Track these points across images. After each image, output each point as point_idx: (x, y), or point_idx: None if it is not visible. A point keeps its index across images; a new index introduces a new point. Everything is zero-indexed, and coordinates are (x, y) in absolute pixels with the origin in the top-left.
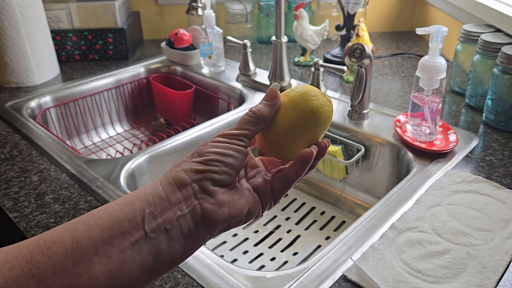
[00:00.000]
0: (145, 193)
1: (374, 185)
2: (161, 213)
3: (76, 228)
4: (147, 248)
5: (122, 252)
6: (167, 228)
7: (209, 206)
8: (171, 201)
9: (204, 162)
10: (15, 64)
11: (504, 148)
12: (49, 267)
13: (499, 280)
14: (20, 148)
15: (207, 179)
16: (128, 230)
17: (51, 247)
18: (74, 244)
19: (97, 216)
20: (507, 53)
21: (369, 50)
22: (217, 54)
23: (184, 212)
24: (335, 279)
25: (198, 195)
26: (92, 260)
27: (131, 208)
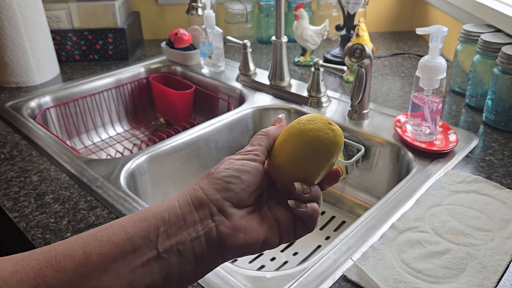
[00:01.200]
0: (161, 210)
1: (374, 185)
2: (176, 233)
3: (88, 243)
4: (158, 269)
5: (132, 272)
6: (180, 249)
7: (225, 230)
8: (186, 221)
9: (221, 179)
10: (15, 64)
11: (504, 148)
12: (57, 281)
13: (499, 280)
14: (20, 148)
15: (226, 199)
16: (141, 248)
17: (61, 262)
18: (84, 260)
19: (111, 231)
20: (507, 53)
21: (369, 50)
22: (217, 54)
23: (199, 234)
24: (335, 279)
25: (215, 217)
26: (101, 278)
27: (145, 225)
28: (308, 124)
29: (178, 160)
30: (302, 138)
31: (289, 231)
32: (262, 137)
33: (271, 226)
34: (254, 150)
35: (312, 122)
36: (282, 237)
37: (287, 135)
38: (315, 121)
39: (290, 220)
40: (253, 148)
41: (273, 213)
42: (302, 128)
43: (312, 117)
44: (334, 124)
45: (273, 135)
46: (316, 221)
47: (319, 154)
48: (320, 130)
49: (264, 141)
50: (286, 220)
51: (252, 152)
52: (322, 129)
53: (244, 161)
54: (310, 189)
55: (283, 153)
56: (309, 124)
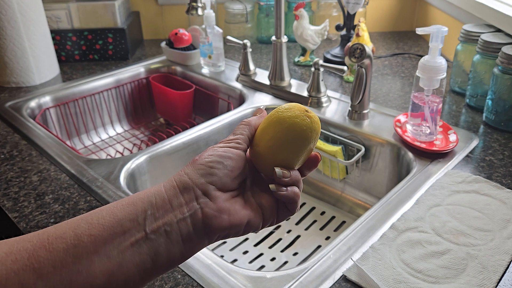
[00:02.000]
0: (148, 194)
1: (374, 185)
2: (162, 215)
3: (79, 225)
4: (147, 249)
5: (121, 252)
6: (167, 230)
7: (210, 211)
8: (173, 204)
9: (205, 164)
10: (15, 64)
11: (504, 148)
12: (50, 262)
13: (499, 280)
14: (20, 148)
15: (210, 183)
16: (129, 230)
17: (53, 243)
18: (75, 241)
19: (100, 215)
20: (507, 53)
21: (369, 50)
22: (217, 54)
23: (185, 216)
24: (335, 279)
25: (200, 199)
26: (92, 259)
27: (133, 208)
28: (286, 112)
29: (178, 160)
30: (280, 126)
31: (271, 214)
32: (244, 126)
33: (254, 210)
34: (236, 139)
35: (289, 110)
36: (265, 220)
37: (266, 123)
38: (292, 109)
39: (272, 204)
40: (236, 137)
41: (256, 199)
42: (281, 116)
43: (290, 106)
44: (310, 111)
45: (255, 124)
46: (296, 204)
47: (297, 140)
48: (297, 117)
49: (245, 130)
50: (268, 205)
51: (234, 140)
52: (299, 116)
53: (226, 148)
54: (290, 173)
55: (264, 141)
56: (287, 112)
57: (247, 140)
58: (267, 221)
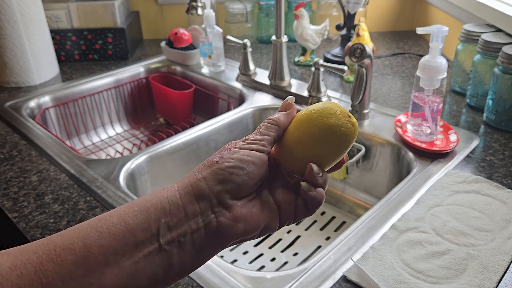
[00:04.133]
0: (162, 199)
1: (375, 185)
2: (177, 225)
3: (88, 235)
4: (159, 261)
5: (134, 264)
6: (181, 241)
7: (225, 221)
8: (187, 213)
9: (225, 169)
10: (15, 64)
11: (504, 148)
12: (58, 275)
13: (500, 280)
14: (20, 148)
15: (227, 191)
16: (142, 241)
17: (61, 255)
18: (85, 253)
19: (110, 222)
20: (507, 53)
21: (370, 50)
22: (217, 53)
23: (199, 226)
24: (335, 279)
25: (215, 209)
26: (103, 271)
27: (146, 216)
28: (330, 118)
29: (178, 160)
30: (324, 132)
31: (289, 214)
32: (271, 126)
33: (272, 211)
34: (262, 140)
35: (334, 116)
36: (282, 221)
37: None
38: (336, 114)
39: (291, 203)
40: (261, 138)
41: (274, 197)
42: (326, 122)
43: (332, 110)
44: (352, 116)
45: (283, 125)
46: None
47: (339, 148)
48: (342, 125)
49: (273, 131)
50: (287, 204)
51: (260, 142)
52: (344, 124)
53: (250, 151)
54: (324, 173)
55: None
56: (332, 118)
57: (273, 143)
58: (284, 222)
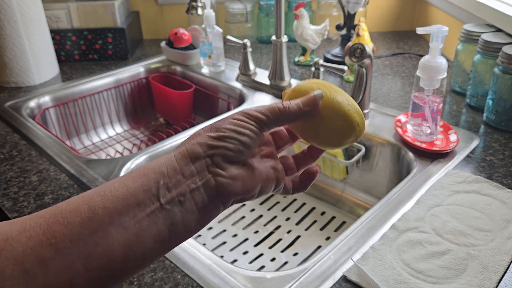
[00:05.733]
0: (159, 164)
1: (375, 185)
2: (175, 186)
3: (92, 199)
4: (163, 219)
5: (138, 223)
6: (181, 200)
7: (223, 179)
8: (184, 174)
9: (219, 138)
10: (15, 64)
11: (504, 148)
12: (66, 236)
13: (500, 281)
14: (20, 148)
15: (220, 155)
16: (143, 201)
17: (67, 217)
18: (90, 214)
19: (112, 187)
20: (507, 53)
21: (370, 50)
22: (217, 53)
23: (197, 185)
24: (335, 279)
25: (210, 169)
26: (108, 230)
27: (145, 179)
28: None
29: None
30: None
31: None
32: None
33: (266, 174)
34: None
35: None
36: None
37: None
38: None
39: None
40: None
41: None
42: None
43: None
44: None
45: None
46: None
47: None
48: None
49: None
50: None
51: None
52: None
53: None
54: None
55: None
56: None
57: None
58: (279, 184)
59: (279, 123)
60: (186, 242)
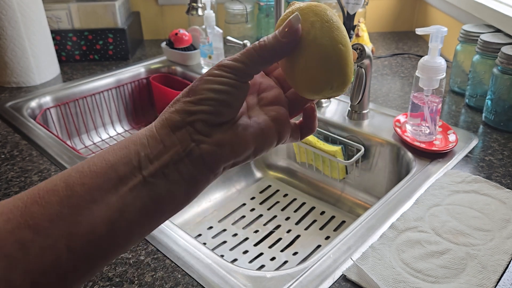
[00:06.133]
0: (140, 136)
1: (374, 185)
2: (157, 157)
3: (70, 175)
4: (147, 192)
5: (121, 198)
6: (165, 172)
7: (207, 147)
8: (165, 144)
9: (196, 102)
10: (15, 64)
11: (503, 148)
12: (45, 217)
13: (499, 280)
14: (21, 148)
15: (202, 120)
16: (125, 175)
17: (44, 197)
18: (68, 192)
19: (91, 162)
20: (506, 53)
21: (369, 50)
22: (217, 54)
23: (181, 156)
24: (335, 279)
25: (194, 137)
26: (90, 208)
27: (126, 152)
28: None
29: None
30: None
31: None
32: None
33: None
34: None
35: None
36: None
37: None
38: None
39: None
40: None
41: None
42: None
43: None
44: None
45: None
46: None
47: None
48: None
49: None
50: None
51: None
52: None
53: (223, 79)
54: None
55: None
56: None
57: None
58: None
59: (261, 64)
60: (186, 242)
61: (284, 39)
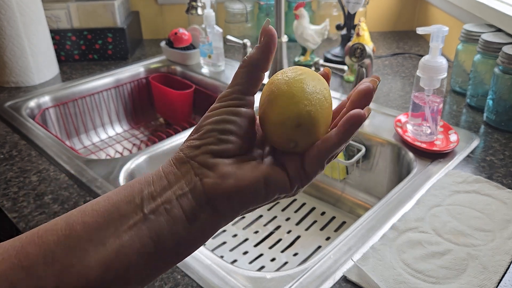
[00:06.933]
0: (146, 176)
1: (375, 185)
2: (160, 193)
3: (71, 215)
4: (147, 231)
5: (118, 238)
6: (167, 208)
7: (210, 180)
8: (170, 180)
9: (199, 137)
10: (14, 64)
11: (505, 148)
12: (39, 257)
13: (500, 281)
14: (19, 148)
15: (205, 153)
16: (126, 213)
17: (43, 236)
18: (67, 231)
19: (94, 202)
20: (508, 53)
21: (370, 50)
22: (217, 53)
23: (184, 191)
24: (335, 279)
25: (197, 171)
26: (85, 248)
27: (130, 190)
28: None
29: None
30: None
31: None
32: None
33: (271, 165)
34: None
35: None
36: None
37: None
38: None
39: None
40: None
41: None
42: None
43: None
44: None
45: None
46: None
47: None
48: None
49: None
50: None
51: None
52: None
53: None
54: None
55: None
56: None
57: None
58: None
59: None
60: None
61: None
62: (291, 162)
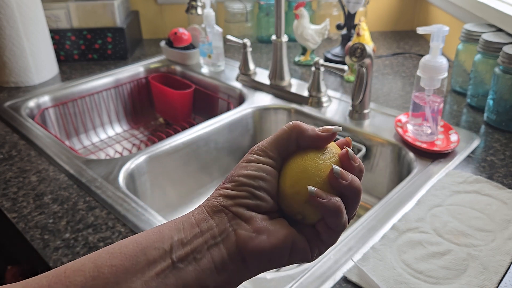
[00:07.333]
0: (176, 222)
1: (375, 186)
2: (191, 241)
3: (99, 256)
4: (174, 280)
5: (146, 284)
6: (196, 257)
7: (245, 233)
8: (202, 228)
9: (234, 188)
10: (14, 63)
11: (505, 148)
12: None
13: (500, 281)
14: (19, 148)
15: (240, 205)
16: (154, 259)
17: (70, 276)
18: (94, 273)
19: (122, 244)
20: (508, 52)
21: (370, 50)
22: (217, 53)
23: (216, 241)
24: (335, 280)
25: (232, 221)
26: None
27: (159, 236)
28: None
29: (177, 161)
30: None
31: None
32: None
33: (300, 231)
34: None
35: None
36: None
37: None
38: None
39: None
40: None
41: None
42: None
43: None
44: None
45: (298, 136)
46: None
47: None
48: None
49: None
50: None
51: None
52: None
53: (259, 164)
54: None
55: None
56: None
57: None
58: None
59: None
60: None
61: (319, 134)
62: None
